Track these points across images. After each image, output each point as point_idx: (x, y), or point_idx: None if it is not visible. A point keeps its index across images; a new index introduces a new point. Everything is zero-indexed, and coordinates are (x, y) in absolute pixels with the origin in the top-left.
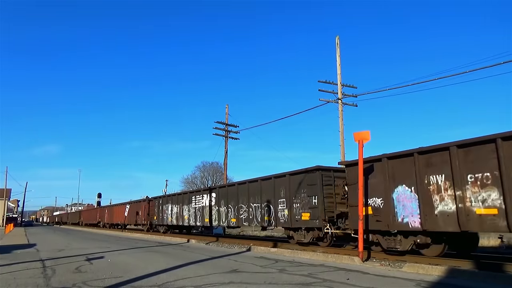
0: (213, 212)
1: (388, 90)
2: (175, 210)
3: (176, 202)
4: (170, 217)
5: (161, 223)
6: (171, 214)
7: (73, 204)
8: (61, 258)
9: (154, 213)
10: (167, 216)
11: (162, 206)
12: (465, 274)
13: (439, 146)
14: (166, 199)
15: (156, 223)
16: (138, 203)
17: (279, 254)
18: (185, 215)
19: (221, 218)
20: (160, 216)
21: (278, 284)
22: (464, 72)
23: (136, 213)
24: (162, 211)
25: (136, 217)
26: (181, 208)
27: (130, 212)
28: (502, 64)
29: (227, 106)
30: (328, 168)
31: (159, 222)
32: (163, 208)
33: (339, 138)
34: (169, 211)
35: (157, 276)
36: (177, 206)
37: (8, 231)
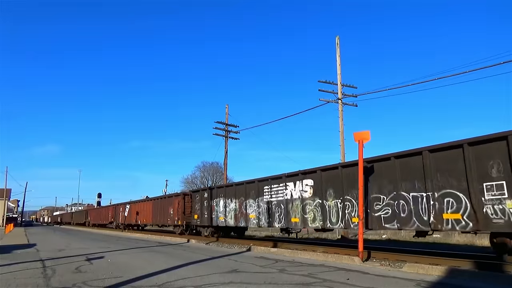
0: (309, 208)
1: (388, 90)
2: (232, 206)
3: (232, 195)
4: (223, 215)
5: (206, 224)
6: (224, 212)
7: (73, 204)
8: (61, 258)
9: (195, 210)
10: (217, 215)
11: (207, 202)
12: (465, 274)
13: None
14: (215, 192)
15: (198, 224)
16: (169, 199)
17: (279, 254)
18: (250, 213)
19: (329, 217)
20: (204, 214)
21: (278, 284)
22: (464, 72)
23: (165, 212)
24: (208, 208)
25: (165, 217)
26: (242, 204)
27: (156, 210)
28: (502, 64)
29: (227, 106)
30: None
31: (203, 222)
32: (209, 204)
33: (339, 138)
34: (220, 207)
35: (157, 276)
36: (236, 201)
37: (8, 231)
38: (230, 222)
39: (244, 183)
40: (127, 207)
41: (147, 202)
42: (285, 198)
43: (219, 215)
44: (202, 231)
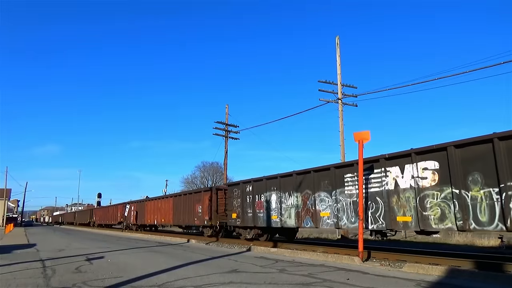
0: (431, 201)
1: (388, 90)
2: (292, 201)
3: (292, 188)
4: (277, 214)
5: (250, 224)
6: (278, 209)
7: (73, 204)
8: (61, 258)
9: (233, 208)
10: (267, 213)
11: (251, 197)
12: (465, 274)
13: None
14: (263, 184)
15: (238, 224)
16: (196, 195)
17: (279, 254)
18: (322, 210)
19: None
20: (246, 213)
21: (278, 284)
22: (464, 72)
23: (191, 210)
24: (251, 205)
25: (191, 216)
26: (309, 198)
27: (178, 208)
28: (502, 64)
29: (227, 106)
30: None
31: (245, 222)
32: (253, 199)
33: (339, 138)
34: (272, 203)
35: (157, 276)
36: (297, 195)
37: (8, 231)
38: (288, 222)
39: (311, 171)
40: (140, 205)
41: (166, 199)
42: (384, 189)
43: (271, 213)
44: (242, 233)
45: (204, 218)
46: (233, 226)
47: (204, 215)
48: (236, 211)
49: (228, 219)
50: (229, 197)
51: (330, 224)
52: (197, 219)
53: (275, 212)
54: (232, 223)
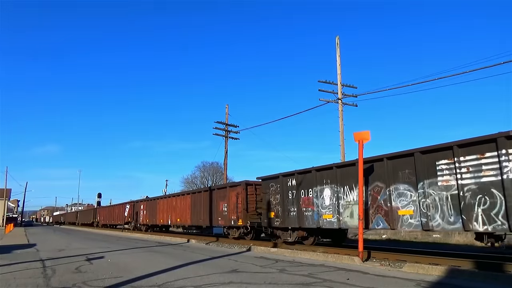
0: None
1: (388, 90)
2: (353, 196)
3: (353, 180)
4: (333, 212)
5: (294, 225)
6: (334, 207)
7: (73, 204)
8: (61, 258)
9: (270, 206)
10: (317, 211)
11: (294, 193)
12: (465, 274)
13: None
14: (312, 177)
15: (277, 225)
16: (221, 191)
17: (279, 254)
18: (403, 207)
19: None
20: (288, 211)
21: (278, 284)
22: (464, 72)
23: (214, 208)
24: (295, 202)
25: (215, 215)
26: (380, 192)
27: (198, 206)
28: (502, 64)
29: (227, 106)
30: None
31: (287, 222)
32: (298, 195)
33: (339, 138)
34: (324, 200)
35: (157, 276)
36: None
37: (8, 231)
38: (349, 222)
39: (383, 159)
40: (151, 203)
41: (183, 196)
42: (505, 177)
43: (322, 212)
44: (282, 235)
45: (230, 218)
46: (269, 227)
47: (230, 214)
48: (274, 209)
49: (263, 218)
50: (264, 193)
51: (414, 225)
52: (222, 218)
53: (330, 210)
54: (268, 223)
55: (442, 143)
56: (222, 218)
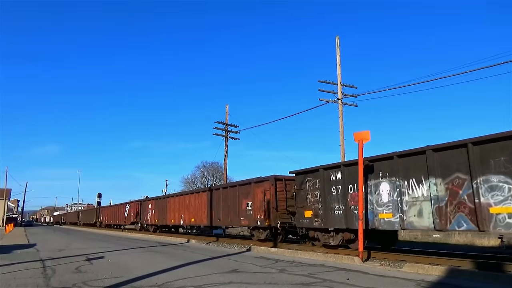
0: None
1: (388, 90)
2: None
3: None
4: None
5: (335, 226)
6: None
7: (73, 204)
8: (61, 258)
9: (304, 204)
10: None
11: (339, 188)
12: (465, 274)
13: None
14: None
15: (315, 225)
16: (244, 187)
17: (279, 254)
18: (494, 202)
19: None
20: (332, 210)
21: (278, 284)
22: (464, 72)
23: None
24: (341, 199)
25: (236, 214)
26: (460, 186)
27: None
28: (502, 64)
29: (227, 106)
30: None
31: (330, 223)
32: (342, 191)
33: (339, 138)
34: (382, 196)
35: (157, 276)
36: (435, 182)
37: (8, 231)
38: (417, 222)
39: (467, 144)
40: (161, 202)
41: (198, 194)
42: None
43: (378, 210)
44: (321, 238)
45: (256, 218)
46: (306, 227)
47: (256, 213)
48: (311, 207)
49: (298, 218)
50: (299, 189)
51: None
52: (245, 218)
53: (389, 208)
54: (305, 223)
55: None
56: (246, 218)
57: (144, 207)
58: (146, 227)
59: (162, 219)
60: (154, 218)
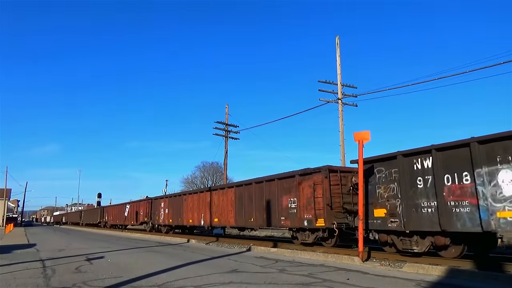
0: None
1: (388, 90)
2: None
3: None
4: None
5: (423, 228)
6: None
7: (73, 204)
8: (61, 258)
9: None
10: (476, 206)
11: (426, 180)
12: (465, 274)
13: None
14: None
15: (393, 227)
16: (285, 181)
17: (279, 254)
18: None
19: None
20: (411, 207)
21: (278, 284)
22: (464, 72)
23: (272, 205)
24: (430, 194)
25: (275, 213)
26: None
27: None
28: (502, 64)
29: (227, 106)
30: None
31: (411, 224)
32: (436, 183)
33: (339, 138)
34: (492, 188)
35: (157, 276)
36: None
37: (8, 231)
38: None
39: None
40: (176, 200)
41: (222, 190)
42: None
43: (496, 208)
44: (399, 242)
45: (302, 217)
46: (376, 230)
47: (302, 212)
48: (384, 204)
49: (374, 218)
50: (369, 182)
51: None
52: (287, 218)
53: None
54: (375, 225)
55: None
56: (288, 218)
57: (155, 206)
58: (158, 227)
59: (177, 219)
60: (167, 218)
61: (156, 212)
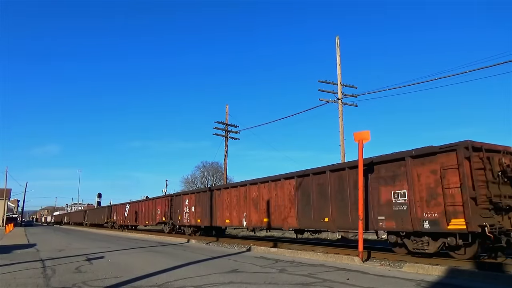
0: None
1: (388, 90)
2: None
3: None
4: None
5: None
6: None
7: (73, 204)
8: (61, 258)
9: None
10: None
11: None
12: (465, 274)
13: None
14: None
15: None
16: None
17: (279, 254)
18: None
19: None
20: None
21: (278, 284)
22: (464, 72)
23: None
24: None
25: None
26: None
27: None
28: (502, 64)
29: (227, 106)
30: None
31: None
32: None
33: (339, 138)
34: None
35: (157, 276)
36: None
37: (8, 231)
38: None
39: None
40: (205, 196)
41: (277, 182)
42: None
43: None
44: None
45: (420, 217)
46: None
47: (419, 209)
48: None
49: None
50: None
51: None
52: (389, 217)
53: None
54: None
55: None
56: (391, 217)
57: (178, 203)
58: (180, 229)
59: (206, 219)
60: (194, 218)
61: (179, 210)
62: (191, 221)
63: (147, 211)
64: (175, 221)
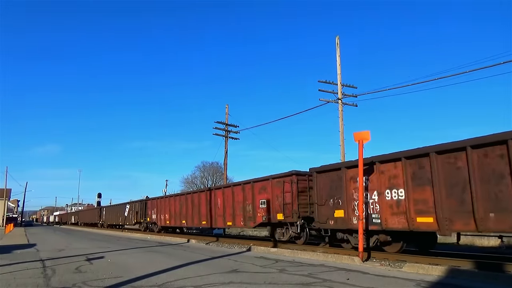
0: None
1: (388, 90)
2: None
3: None
4: None
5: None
6: None
7: (73, 204)
8: (61, 258)
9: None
10: None
11: None
12: (465, 274)
13: None
14: None
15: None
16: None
17: (279, 254)
18: None
19: None
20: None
21: (278, 284)
22: (464, 72)
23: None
24: None
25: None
26: None
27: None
28: (502, 64)
29: (227, 106)
30: None
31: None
32: None
33: (339, 138)
34: None
35: (157, 276)
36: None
37: (8, 231)
38: None
39: None
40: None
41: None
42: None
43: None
44: None
45: None
46: None
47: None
48: None
49: None
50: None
51: None
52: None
53: None
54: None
55: None
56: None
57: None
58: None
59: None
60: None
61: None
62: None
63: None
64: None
